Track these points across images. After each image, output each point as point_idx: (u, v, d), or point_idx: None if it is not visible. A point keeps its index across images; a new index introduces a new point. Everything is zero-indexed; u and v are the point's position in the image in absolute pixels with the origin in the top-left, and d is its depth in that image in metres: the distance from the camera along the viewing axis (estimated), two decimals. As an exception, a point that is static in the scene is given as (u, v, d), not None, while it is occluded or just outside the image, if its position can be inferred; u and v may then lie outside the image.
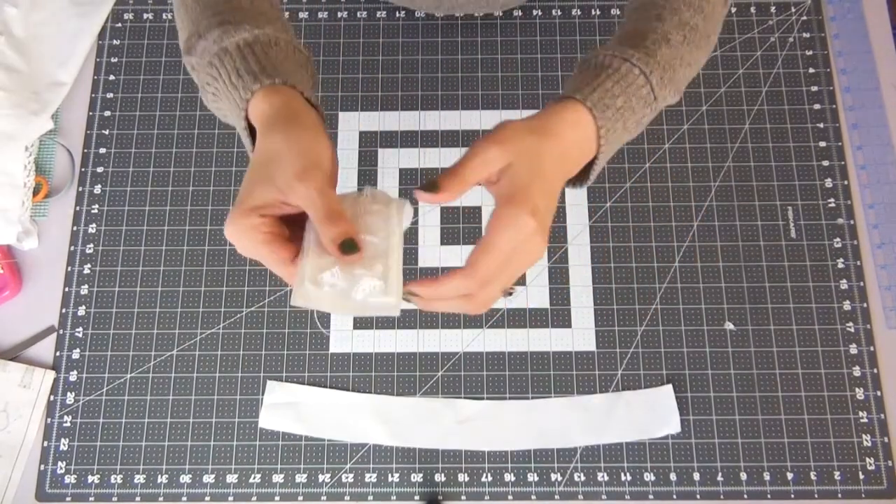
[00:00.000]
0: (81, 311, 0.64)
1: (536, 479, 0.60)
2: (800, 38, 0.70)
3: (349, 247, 0.37)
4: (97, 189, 0.67)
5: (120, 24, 0.72)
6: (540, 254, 0.38)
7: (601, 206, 0.66)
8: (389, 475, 0.60)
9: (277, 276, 0.44)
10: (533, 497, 0.60)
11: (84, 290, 0.65)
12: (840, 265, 0.64)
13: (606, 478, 0.60)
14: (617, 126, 0.42)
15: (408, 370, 0.62)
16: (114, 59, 0.71)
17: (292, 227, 0.40)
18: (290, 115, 0.40)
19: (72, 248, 0.66)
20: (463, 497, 0.60)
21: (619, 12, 0.72)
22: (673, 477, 0.60)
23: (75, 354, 0.63)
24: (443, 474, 0.60)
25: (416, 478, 0.60)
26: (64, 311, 0.64)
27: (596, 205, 0.66)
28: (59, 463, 0.60)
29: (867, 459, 0.59)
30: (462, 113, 0.69)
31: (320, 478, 0.60)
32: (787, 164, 0.67)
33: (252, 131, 0.42)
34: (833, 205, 0.66)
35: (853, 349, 0.62)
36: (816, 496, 0.59)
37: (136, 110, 0.70)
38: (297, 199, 0.37)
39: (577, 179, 0.45)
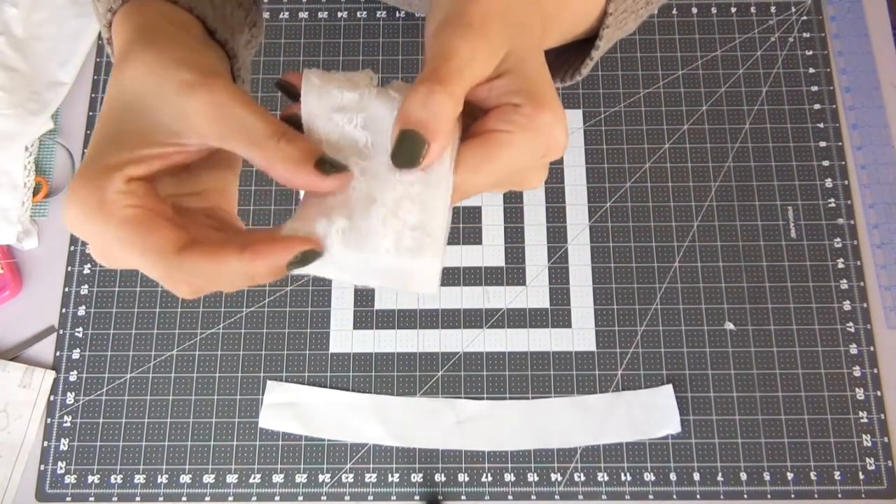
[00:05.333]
0: (81, 311, 0.64)
1: (536, 479, 0.60)
2: (800, 38, 0.70)
3: (327, 164, 0.24)
4: (97, 189, 0.67)
5: (120, 24, 0.72)
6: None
7: (601, 206, 0.66)
8: (389, 475, 0.60)
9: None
10: (533, 497, 0.60)
11: (84, 290, 0.65)
12: (840, 265, 0.64)
13: (606, 478, 0.60)
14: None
15: (408, 370, 0.62)
16: (114, 59, 0.71)
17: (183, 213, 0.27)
18: (167, 32, 0.27)
19: (72, 247, 0.66)
20: (463, 497, 0.60)
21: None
22: (673, 477, 0.60)
23: (75, 354, 0.63)
24: (443, 474, 0.60)
25: (416, 478, 0.60)
26: (64, 311, 0.64)
27: (596, 205, 0.66)
28: (59, 463, 0.60)
29: (867, 459, 0.59)
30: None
31: (320, 478, 0.60)
32: (787, 164, 0.67)
33: None
34: (833, 205, 0.66)
35: (853, 349, 0.62)
36: (816, 496, 0.59)
37: (136, 110, 0.70)
38: (198, 118, 0.24)
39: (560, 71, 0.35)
